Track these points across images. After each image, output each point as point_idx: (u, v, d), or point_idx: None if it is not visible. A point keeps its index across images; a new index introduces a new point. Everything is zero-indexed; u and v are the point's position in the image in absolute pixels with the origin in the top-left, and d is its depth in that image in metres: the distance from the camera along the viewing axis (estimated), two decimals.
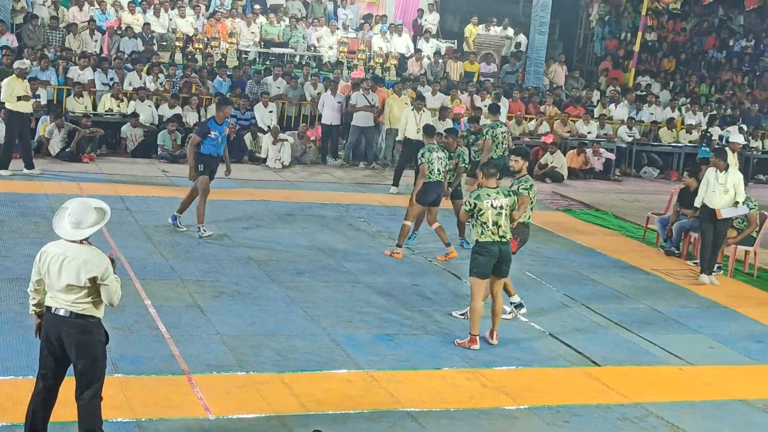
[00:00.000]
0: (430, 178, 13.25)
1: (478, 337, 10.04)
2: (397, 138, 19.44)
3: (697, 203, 13.76)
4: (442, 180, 13.46)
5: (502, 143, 16.13)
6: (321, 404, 8.23)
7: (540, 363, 9.81)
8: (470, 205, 10.05)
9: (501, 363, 9.65)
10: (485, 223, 9.98)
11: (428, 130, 13.99)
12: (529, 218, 11.33)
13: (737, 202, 13.43)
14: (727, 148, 14.69)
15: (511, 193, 10.35)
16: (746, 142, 21.77)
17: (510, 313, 11.09)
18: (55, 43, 22.54)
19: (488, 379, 9.20)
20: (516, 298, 11.24)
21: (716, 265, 14.13)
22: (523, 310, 11.26)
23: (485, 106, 21.37)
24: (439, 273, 12.85)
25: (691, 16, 32.63)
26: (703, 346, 10.77)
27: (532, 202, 11.15)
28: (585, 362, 9.95)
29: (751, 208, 13.93)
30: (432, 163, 13.26)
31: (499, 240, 10.03)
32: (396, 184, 18.55)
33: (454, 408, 8.44)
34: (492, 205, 10.00)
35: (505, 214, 10.09)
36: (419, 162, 13.37)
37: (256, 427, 7.69)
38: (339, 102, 21.16)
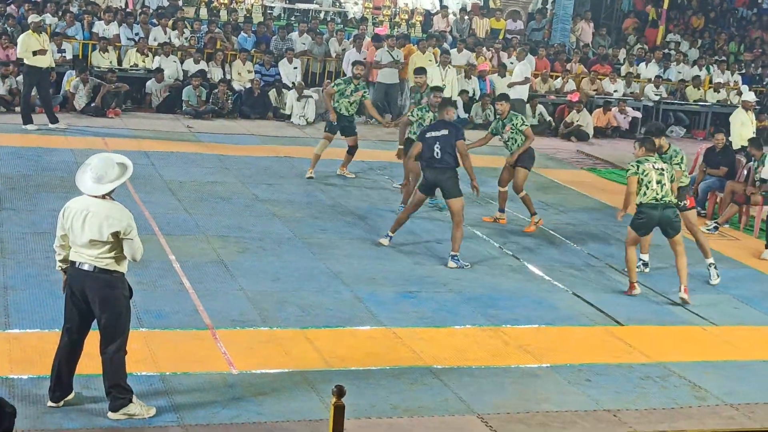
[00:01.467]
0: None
1: (636, 283, 10.77)
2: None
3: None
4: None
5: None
6: (343, 360, 8.27)
7: (562, 321, 9.81)
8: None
9: (523, 321, 9.66)
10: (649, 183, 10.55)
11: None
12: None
13: None
14: (740, 107, 14.65)
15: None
16: (756, 99, 21.42)
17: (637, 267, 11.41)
18: None
19: (510, 337, 9.22)
20: (645, 257, 11.75)
21: (713, 224, 14.00)
22: (647, 270, 11.70)
23: (511, 63, 21.19)
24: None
25: None
26: (727, 307, 10.73)
27: None
28: (608, 321, 9.94)
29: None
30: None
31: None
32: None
33: (476, 365, 8.46)
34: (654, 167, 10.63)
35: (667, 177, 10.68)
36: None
37: (279, 382, 7.74)
38: (364, 58, 21.05)
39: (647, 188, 10.56)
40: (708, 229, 13.80)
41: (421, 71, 13.79)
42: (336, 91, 14.49)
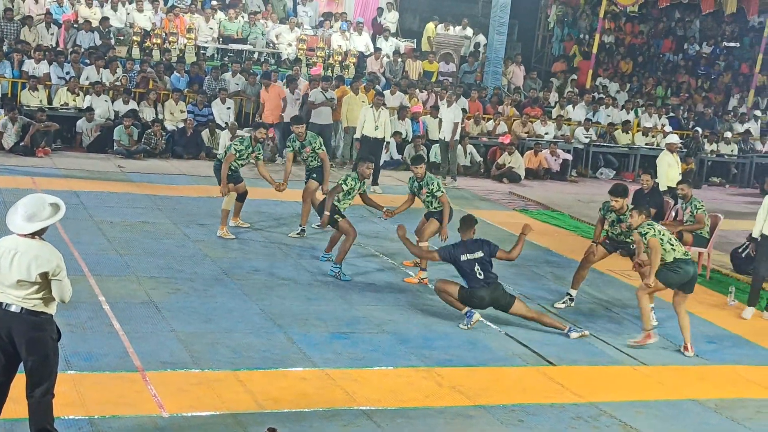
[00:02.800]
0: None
1: (651, 332, 10.82)
2: (355, 136, 19.42)
3: (756, 233, 12.87)
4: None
5: None
6: (276, 402, 8.20)
7: (495, 362, 9.84)
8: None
9: (457, 362, 9.67)
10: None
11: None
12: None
13: None
14: (665, 149, 14.90)
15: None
16: (682, 141, 21.81)
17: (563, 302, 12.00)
18: (10, 36, 22.27)
19: (444, 378, 9.22)
20: (574, 292, 12.06)
21: None
22: (572, 304, 12.08)
23: (444, 105, 21.38)
24: (395, 272, 12.85)
25: (649, 19, 32.93)
26: (656, 347, 10.85)
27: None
28: (540, 362, 9.99)
29: (698, 209, 14.10)
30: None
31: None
32: (376, 183, 18.57)
33: (409, 406, 8.44)
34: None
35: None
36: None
37: (210, 425, 7.64)
38: (297, 99, 21.11)
39: (672, 245, 10.66)
40: None
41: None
42: (236, 156, 14.03)
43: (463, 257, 10.88)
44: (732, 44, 32.77)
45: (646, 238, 10.62)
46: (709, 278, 14.29)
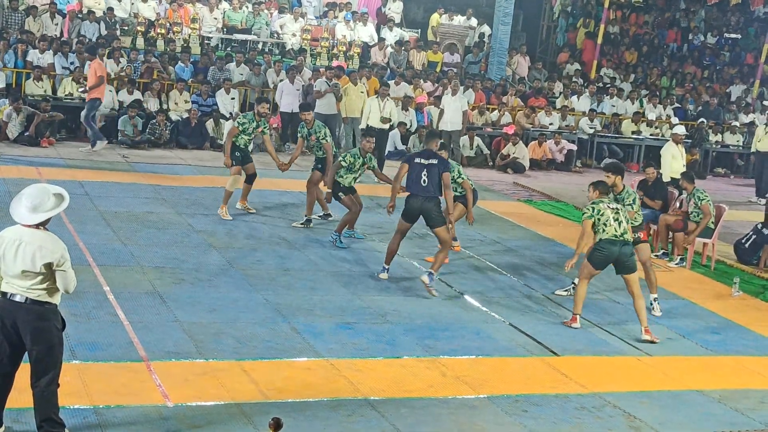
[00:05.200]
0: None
1: (578, 316, 10.89)
2: (360, 126, 19.37)
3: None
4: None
5: None
6: (280, 392, 8.21)
7: (499, 352, 9.85)
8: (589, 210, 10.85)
9: (460, 352, 9.68)
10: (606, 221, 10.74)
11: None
12: None
13: None
14: (670, 140, 14.93)
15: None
16: (687, 132, 21.80)
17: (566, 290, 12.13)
18: (14, 26, 22.27)
19: (448, 368, 9.23)
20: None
21: (679, 257, 14.30)
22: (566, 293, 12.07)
23: (446, 94, 21.37)
24: (399, 262, 12.85)
25: (653, 9, 32.86)
26: (660, 337, 10.85)
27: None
28: (544, 352, 10.00)
29: (702, 200, 14.08)
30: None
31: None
32: None
33: (413, 397, 8.45)
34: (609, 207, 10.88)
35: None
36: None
37: (215, 414, 7.66)
38: (298, 89, 21.10)
39: (605, 226, 10.69)
40: (676, 264, 14.09)
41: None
42: (240, 130, 14.26)
43: (417, 159, 11.58)
44: (734, 35, 32.67)
45: (582, 218, 10.95)
46: (713, 269, 14.29)
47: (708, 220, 14.05)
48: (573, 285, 12.00)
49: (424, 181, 11.41)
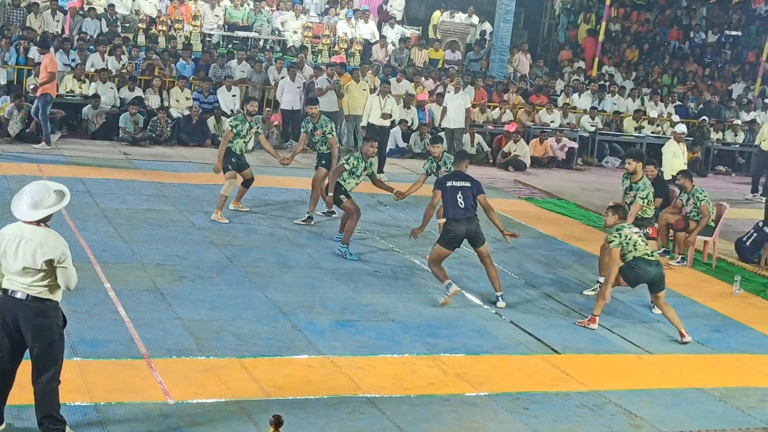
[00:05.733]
0: None
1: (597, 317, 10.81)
2: (361, 123, 19.38)
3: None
4: None
5: None
6: (281, 389, 8.21)
7: (500, 350, 9.85)
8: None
9: (461, 350, 9.68)
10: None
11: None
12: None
13: None
14: (671, 138, 14.99)
15: None
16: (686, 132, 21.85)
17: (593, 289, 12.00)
18: (16, 23, 22.27)
19: (448, 365, 9.23)
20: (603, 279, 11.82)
21: (679, 255, 14.29)
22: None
23: (448, 92, 21.38)
24: (400, 260, 12.85)
25: (655, 7, 32.84)
26: (661, 335, 10.86)
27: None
28: (545, 350, 10.00)
29: (701, 200, 14.08)
30: None
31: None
32: (381, 171, 18.50)
33: (414, 394, 8.45)
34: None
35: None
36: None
37: (215, 411, 7.66)
38: (299, 87, 21.10)
39: (635, 248, 10.66)
40: (677, 262, 14.12)
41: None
42: (234, 133, 14.08)
43: (449, 183, 11.25)
44: (734, 33, 32.65)
45: (609, 245, 10.73)
46: (714, 267, 14.28)
47: (707, 221, 14.03)
48: (599, 283, 11.94)
49: (461, 203, 11.09)
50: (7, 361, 6.75)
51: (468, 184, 11.25)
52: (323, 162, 14.31)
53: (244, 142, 14.25)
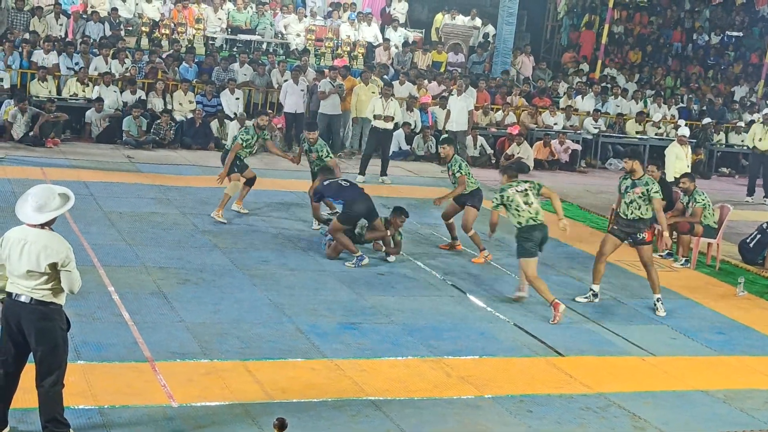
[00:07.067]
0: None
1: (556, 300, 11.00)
2: (373, 123, 19.16)
3: None
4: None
5: None
6: (285, 392, 8.21)
7: (504, 352, 9.84)
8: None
9: (465, 352, 9.68)
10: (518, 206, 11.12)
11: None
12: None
13: None
14: (675, 141, 15.01)
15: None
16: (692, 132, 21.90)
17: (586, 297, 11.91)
18: (19, 26, 22.30)
19: (452, 368, 9.22)
20: (596, 287, 11.94)
21: (683, 258, 14.28)
22: (596, 300, 11.92)
23: (451, 94, 21.39)
24: (404, 262, 12.85)
25: (658, 9, 32.83)
26: (664, 337, 10.85)
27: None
28: (548, 352, 9.99)
29: (697, 202, 14.09)
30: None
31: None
32: (362, 173, 18.48)
33: (418, 397, 8.45)
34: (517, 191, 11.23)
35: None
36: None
37: (219, 414, 7.66)
38: (302, 90, 21.11)
39: (518, 211, 11.08)
40: (680, 264, 14.10)
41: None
42: (243, 146, 14.20)
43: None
44: (735, 34, 32.63)
45: (490, 208, 11.35)
46: (718, 269, 14.27)
47: (692, 221, 14.08)
48: (592, 292, 11.93)
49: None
50: (11, 365, 6.76)
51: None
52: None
53: (249, 152, 14.42)
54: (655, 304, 11.68)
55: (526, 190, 11.20)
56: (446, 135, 18.16)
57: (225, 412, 7.73)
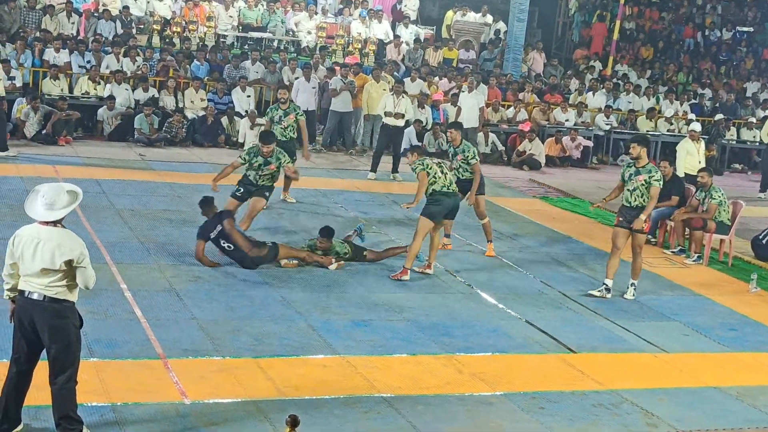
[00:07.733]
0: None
1: (408, 270, 11.80)
2: (384, 120, 19.10)
3: None
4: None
5: None
6: (297, 389, 8.22)
7: (516, 349, 9.84)
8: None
9: (477, 349, 9.67)
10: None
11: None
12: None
13: None
14: (687, 137, 15.01)
15: None
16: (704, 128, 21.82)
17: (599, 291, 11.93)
18: (31, 25, 22.37)
19: (464, 364, 9.22)
20: (610, 282, 11.91)
21: (695, 254, 14.24)
22: (609, 295, 11.89)
23: (462, 91, 21.37)
24: (418, 258, 12.84)
25: (670, 5, 32.73)
26: (677, 334, 10.83)
27: None
28: (560, 349, 9.98)
29: (713, 198, 14.06)
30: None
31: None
32: (374, 170, 18.49)
33: (430, 394, 8.45)
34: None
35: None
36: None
37: (231, 411, 7.67)
38: (314, 87, 21.11)
39: (435, 179, 11.84)
40: (693, 260, 14.07)
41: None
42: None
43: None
44: (747, 29, 32.49)
45: (415, 172, 11.91)
46: (730, 265, 14.23)
47: (707, 216, 14.04)
48: (605, 287, 11.91)
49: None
50: (24, 362, 6.78)
51: None
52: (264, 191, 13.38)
53: (283, 128, 14.83)
54: (628, 288, 11.90)
55: (440, 163, 12.29)
56: (457, 120, 18.11)
57: (237, 409, 7.74)
